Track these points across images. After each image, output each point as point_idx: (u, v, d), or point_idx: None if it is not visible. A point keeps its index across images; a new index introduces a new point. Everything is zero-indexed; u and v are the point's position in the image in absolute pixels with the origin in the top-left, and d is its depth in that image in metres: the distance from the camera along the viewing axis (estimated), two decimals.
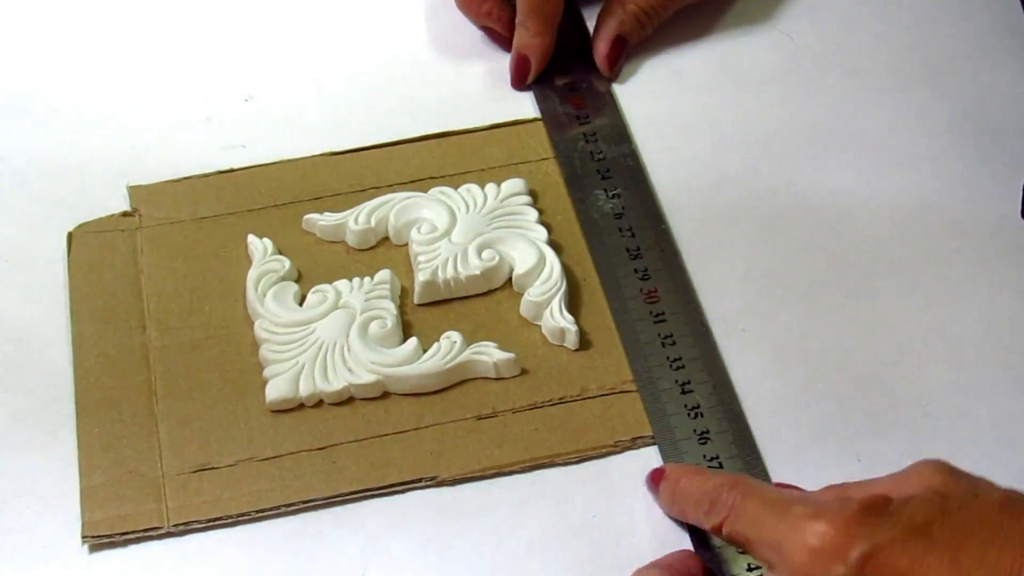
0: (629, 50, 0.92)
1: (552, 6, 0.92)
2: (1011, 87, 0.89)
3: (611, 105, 0.90)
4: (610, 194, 0.85)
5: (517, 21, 0.92)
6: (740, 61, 0.92)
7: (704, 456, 0.74)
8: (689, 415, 0.76)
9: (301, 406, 0.77)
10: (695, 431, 0.75)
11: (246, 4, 0.97)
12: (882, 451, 0.75)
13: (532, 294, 0.80)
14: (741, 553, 0.71)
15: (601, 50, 0.92)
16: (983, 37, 0.89)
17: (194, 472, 0.75)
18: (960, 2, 0.95)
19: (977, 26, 0.93)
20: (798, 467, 0.74)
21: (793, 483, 0.73)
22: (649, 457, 0.75)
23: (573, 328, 0.79)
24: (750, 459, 0.74)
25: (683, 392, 0.77)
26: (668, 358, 0.78)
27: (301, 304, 0.81)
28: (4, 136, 0.90)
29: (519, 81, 0.92)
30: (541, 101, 0.91)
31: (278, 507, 0.73)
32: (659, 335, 0.79)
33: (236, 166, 0.87)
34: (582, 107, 0.90)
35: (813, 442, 0.75)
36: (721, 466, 0.74)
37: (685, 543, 0.72)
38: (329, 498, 0.74)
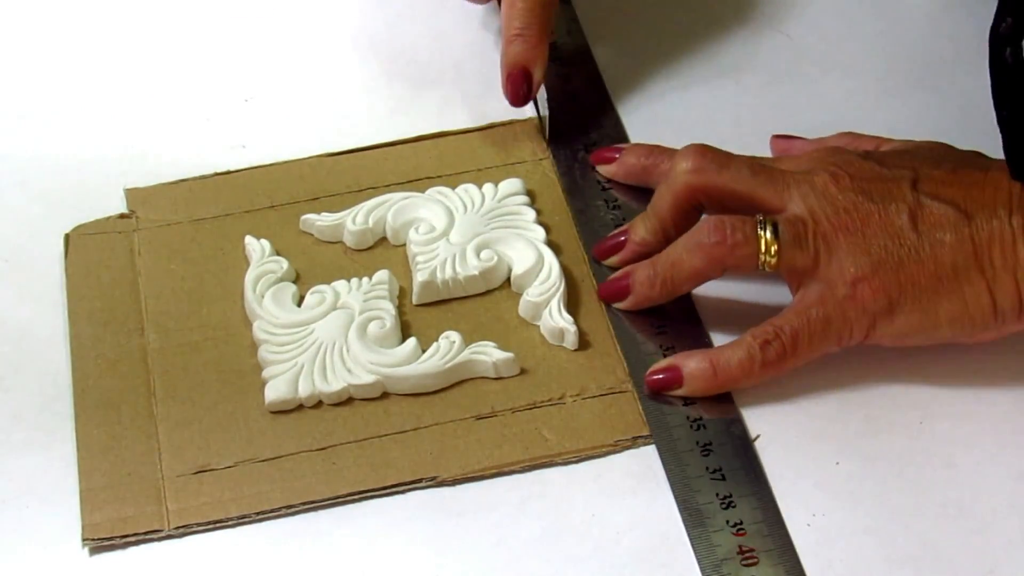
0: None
1: (549, 12, 0.88)
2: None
3: (609, 111, 0.90)
4: (611, 205, 0.85)
5: (511, 34, 0.87)
6: (740, 61, 0.93)
7: (707, 468, 0.74)
8: (692, 427, 0.76)
9: (300, 407, 0.77)
10: (698, 443, 0.75)
11: (246, 5, 0.98)
12: (881, 451, 0.75)
13: (531, 294, 0.80)
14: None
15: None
16: (983, 37, 0.89)
17: (194, 474, 0.74)
18: (960, 2, 0.95)
19: (977, 26, 0.93)
20: (796, 465, 0.74)
21: (791, 482, 0.73)
22: (649, 456, 0.75)
23: (572, 328, 0.79)
24: (748, 461, 0.74)
25: (685, 403, 0.76)
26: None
27: (299, 305, 0.81)
28: (4, 137, 0.90)
29: (521, 98, 0.87)
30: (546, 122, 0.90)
31: (278, 508, 0.73)
32: (660, 346, 0.79)
33: (234, 167, 0.87)
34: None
35: (812, 440, 0.75)
36: (724, 478, 0.74)
37: (685, 543, 0.72)
38: (329, 499, 0.74)
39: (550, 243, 0.83)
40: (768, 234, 0.75)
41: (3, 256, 0.84)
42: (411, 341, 0.78)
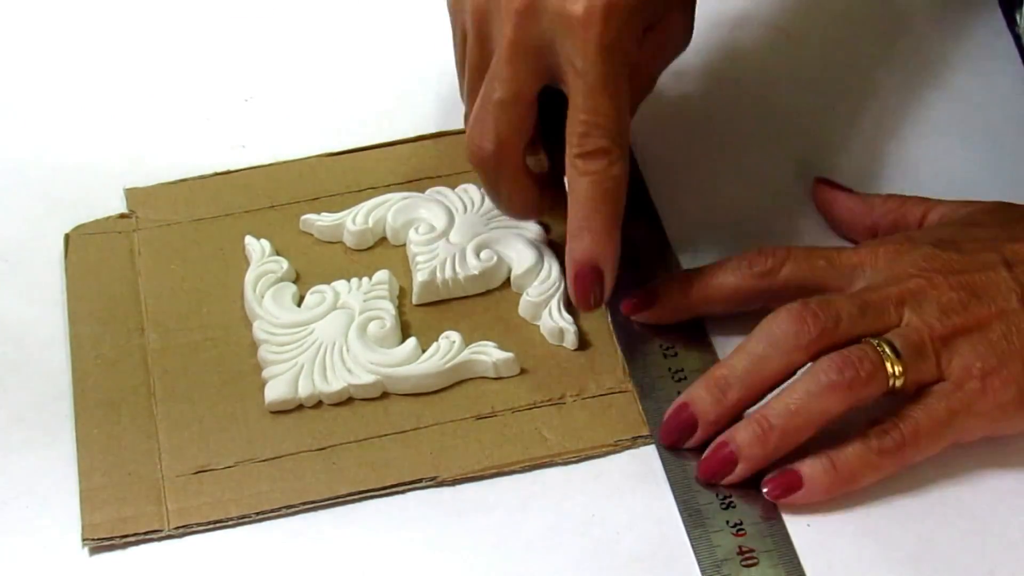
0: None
1: (620, 200, 0.76)
2: (1011, 87, 0.89)
3: None
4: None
5: (575, 226, 0.75)
6: (740, 61, 0.93)
7: None
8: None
9: (300, 407, 0.77)
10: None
11: (245, 4, 0.98)
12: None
13: (531, 294, 0.80)
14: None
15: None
16: (983, 37, 0.89)
17: (194, 474, 0.74)
18: (960, 2, 0.95)
19: (977, 26, 0.94)
20: None
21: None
22: (649, 456, 0.75)
23: (572, 328, 0.79)
24: None
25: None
26: (670, 369, 0.78)
27: (299, 305, 0.81)
28: (4, 137, 0.90)
29: (592, 301, 0.76)
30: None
31: (278, 508, 0.73)
32: (660, 346, 0.79)
33: (234, 167, 0.88)
34: None
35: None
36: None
37: (685, 542, 0.72)
38: (329, 499, 0.74)
39: (550, 243, 0.83)
40: (889, 352, 0.72)
41: (3, 256, 0.85)
42: (411, 341, 0.78)
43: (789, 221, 0.84)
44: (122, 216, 0.86)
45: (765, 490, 0.72)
